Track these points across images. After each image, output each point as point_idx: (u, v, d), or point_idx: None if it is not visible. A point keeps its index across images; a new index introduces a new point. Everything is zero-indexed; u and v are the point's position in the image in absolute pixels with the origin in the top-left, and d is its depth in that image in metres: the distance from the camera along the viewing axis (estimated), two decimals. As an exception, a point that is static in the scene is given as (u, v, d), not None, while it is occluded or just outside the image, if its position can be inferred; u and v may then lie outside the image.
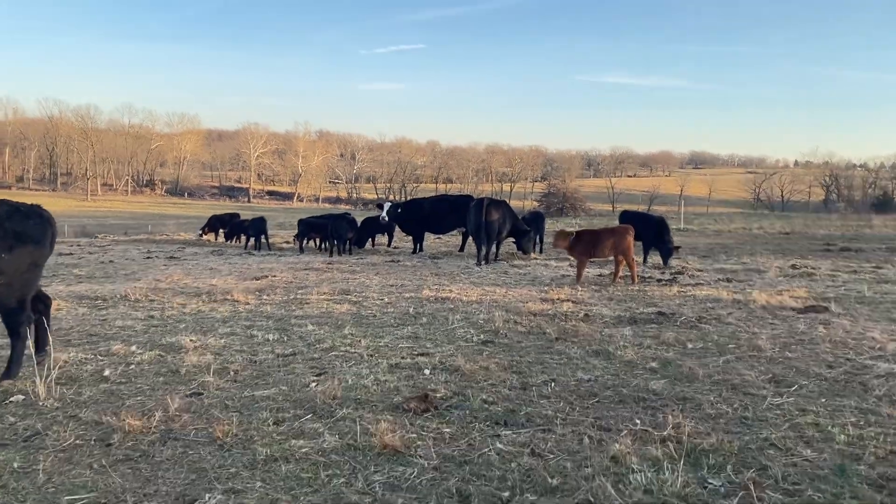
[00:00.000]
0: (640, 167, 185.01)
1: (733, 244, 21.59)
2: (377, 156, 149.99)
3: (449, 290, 11.26)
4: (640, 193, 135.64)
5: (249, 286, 12.45)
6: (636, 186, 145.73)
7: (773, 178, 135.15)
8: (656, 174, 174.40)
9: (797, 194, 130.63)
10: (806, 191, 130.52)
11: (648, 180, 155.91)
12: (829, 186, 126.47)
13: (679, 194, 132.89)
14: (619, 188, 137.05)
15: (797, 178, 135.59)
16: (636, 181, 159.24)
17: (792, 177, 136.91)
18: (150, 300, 10.91)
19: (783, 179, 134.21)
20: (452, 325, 8.34)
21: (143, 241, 27.96)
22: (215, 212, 33.85)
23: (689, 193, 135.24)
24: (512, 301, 10.14)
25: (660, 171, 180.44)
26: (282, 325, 8.55)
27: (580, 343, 7.25)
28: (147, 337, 7.93)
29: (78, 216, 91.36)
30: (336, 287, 12.00)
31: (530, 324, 8.28)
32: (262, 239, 22.67)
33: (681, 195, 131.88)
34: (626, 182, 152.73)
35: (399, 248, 21.54)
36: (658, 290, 11.28)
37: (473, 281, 12.89)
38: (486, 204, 15.82)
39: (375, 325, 8.43)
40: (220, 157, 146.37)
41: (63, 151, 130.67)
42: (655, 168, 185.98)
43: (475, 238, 16.19)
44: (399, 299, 10.53)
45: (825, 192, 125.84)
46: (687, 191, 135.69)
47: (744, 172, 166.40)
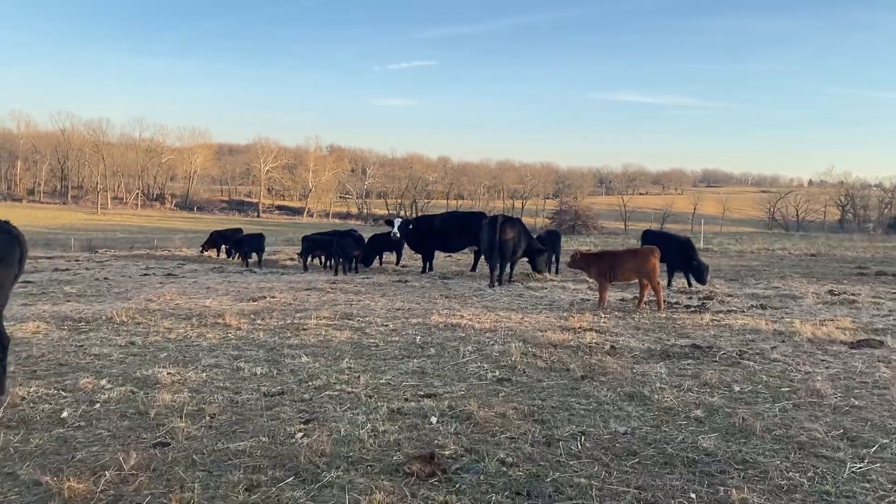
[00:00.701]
0: (653, 185, 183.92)
1: (759, 266, 20.58)
2: (388, 171, 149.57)
3: (460, 316, 10.37)
4: (652, 211, 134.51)
5: (244, 308, 11.61)
6: (648, 204, 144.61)
7: (787, 197, 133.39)
8: (668, 192, 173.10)
9: (812, 214, 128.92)
10: (821, 210, 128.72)
11: (661, 198, 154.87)
12: (845, 206, 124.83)
13: (692, 213, 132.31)
14: (631, 206, 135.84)
15: (812, 197, 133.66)
16: (648, 199, 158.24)
17: (807, 196, 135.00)
18: (136, 323, 10.09)
19: (798, 199, 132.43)
20: (464, 357, 7.44)
21: (143, 256, 27.25)
22: (225, 226, 33.19)
23: (703, 212, 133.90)
24: (529, 329, 9.23)
25: (672, 190, 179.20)
26: (273, 355, 7.68)
27: (610, 383, 6.33)
28: (122, 368, 7.08)
29: (86, 229, 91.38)
30: (338, 310, 11.13)
31: (551, 357, 7.37)
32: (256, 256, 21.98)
33: (693, 213, 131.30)
34: (638, 200, 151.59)
35: (407, 267, 20.68)
36: (688, 318, 10.34)
37: (486, 305, 11.99)
38: (500, 222, 14.93)
39: (377, 357, 7.54)
40: (231, 172, 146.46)
41: (74, 164, 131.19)
42: (668, 186, 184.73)
43: (488, 258, 15.29)
44: (405, 326, 9.65)
45: (841, 212, 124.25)
46: (700, 209, 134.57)
47: (757, 191, 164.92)
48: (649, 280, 11.47)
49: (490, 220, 15.35)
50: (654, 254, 11.68)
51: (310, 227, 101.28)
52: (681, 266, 14.63)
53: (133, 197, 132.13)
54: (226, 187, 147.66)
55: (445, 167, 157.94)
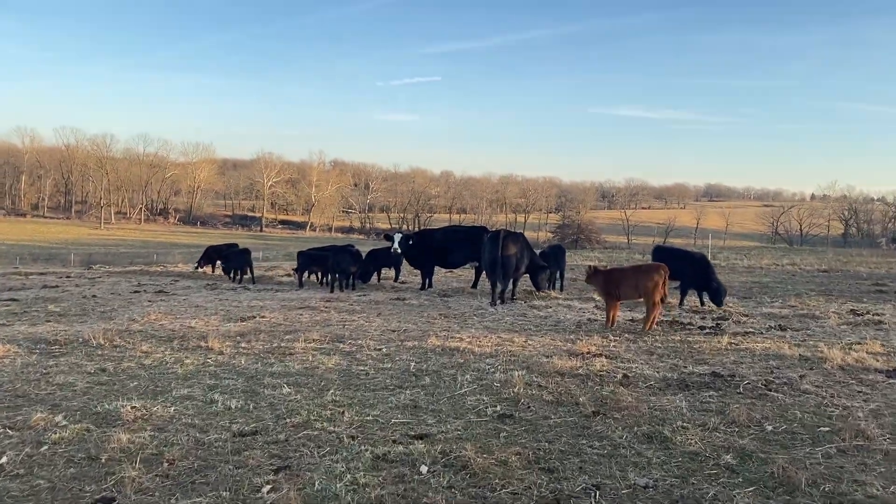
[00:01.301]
0: (655, 199, 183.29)
1: (771, 282, 19.82)
2: (391, 185, 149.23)
3: (459, 338, 9.66)
4: (655, 226, 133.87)
5: (231, 329, 10.93)
6: (651, 219, 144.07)
7: (790, 211, 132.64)
8: (671, 207, 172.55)
9: (815, 228, 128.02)
10: (825, 224, 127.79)
11: (664, 212, 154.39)
12: (849, 220, 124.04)
13: (695, 227, 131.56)
14: (633, 220, 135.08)
15: (816, 211, 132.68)
16: (651, 213, 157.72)
17: (810, 210, 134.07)
18: (114, 346, 9.41)
19: (801, 213, 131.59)
20: (461, 388, 6.74)
21: (137, 272, 26.59)
22: (227, 241, 32.57)
23: (706, 226, 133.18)
24: (533, 354, 8.52)
25: (675, 204, 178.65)
26: (252, 385, 6.99)
27: (625, 420, 5.63)
28: (83, 401, 6.40)
29: (88, 244, 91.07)
30: (329, 332, 10.44)
31: (558, 389, 6.67)
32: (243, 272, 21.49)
33: (696, 227, 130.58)
34: (640, 214, 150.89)
35: (406, 283, 19.98)
36: (704, 340, 9.62)
37: (487, 325, 11.28)
38: (502, 236, 14.21)
39: (366, 388, 6.85)
40: (234, 186, 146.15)
41: (78, 179, 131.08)
42: (670, 200, 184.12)
43: (490, 274, 14.55)
44: (400, 349, 8.95)
45: (844, 227, 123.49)
46: (703, 223, 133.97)
47: (760, 206, 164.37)
48: (647, 298, 10.79)
49: (492, 235, 14.64)
50: (656, 271, 10.99)
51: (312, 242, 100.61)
52: (696, 285, 13.91)
53: (137, 212, 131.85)
54: (229, 202, 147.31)
55: (448, 181, 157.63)
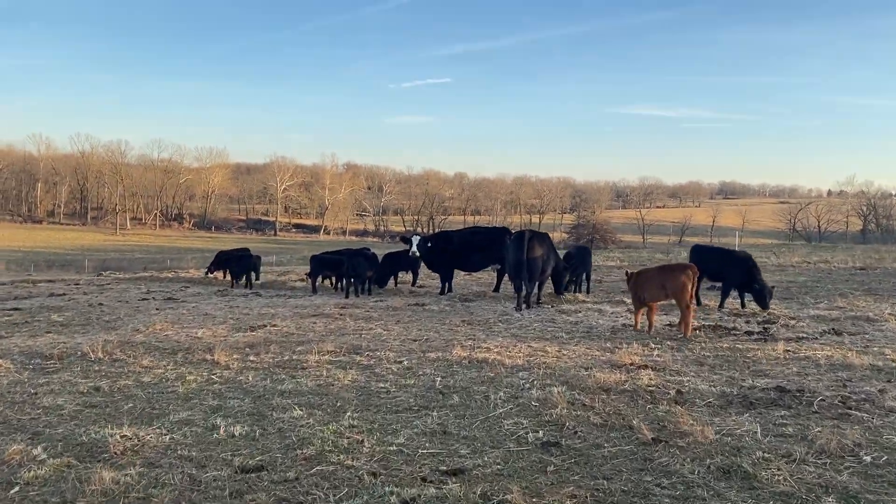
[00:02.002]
0: (669, 198, 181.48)
1: (808, 281, 18.75)
2: (404, 188, 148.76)
3: (486, 348, 8.86)
4: (670, 224, 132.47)
5: (239, 340, 10.19)
6: (666, 217, 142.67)
7: (808, 208, 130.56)
8: (686, 205, 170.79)
9: (833, 224, 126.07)
10: (843, 221, 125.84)
11: (679, 211, 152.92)
12: (867, 216, 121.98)
13: (711, 225, 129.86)
14: (648, 219, 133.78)
15: (834, 207, 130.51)
16: (666, 212, 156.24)
17: (828, 206, 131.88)
18: (113, 360, 8.71)
19: (819, 209, 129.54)
20: (495, 409, 5.94)
21: (147, 279, 25.98)
22: (242, 245, 31.99)
23: (722, 224, 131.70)
24: (570, 366, 7.70)
25: (689, 202, 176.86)
26: (260, 406, 6.23)
27: (692, 450, 4.80)
28: (70, 427, 5.68)
29: (104, 250, 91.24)
30: (345, 342, 9.68)
31: (605, 408, 5.85)
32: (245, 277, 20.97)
33: (712, 225, 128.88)
34: (656, 213, 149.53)
35: (424, 287, 19.17)
36: (756, 348, 8.74)
37: (515, 333, 10.45)
38: (527, 237, 13.34)
39: (387, 409, 6.07)
40: (248, 191, 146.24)
41: (94, 186, 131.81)
42: (685, 199, 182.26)
43: (514, 278, 13.68)
44: (422, 362, 8.16)
45: (863, 222, 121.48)
46: (719, 221, 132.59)
47: (776, 202, 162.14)
48: (677, 300, 10.00)
49: (516, 236, 13.79)
50: (682, 270, 10.26)
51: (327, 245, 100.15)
52: (739, 286, 13.00)
53: (152, 217, 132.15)
54: (243, 206, 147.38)
55: (462, 183, 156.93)
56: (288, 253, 79.61)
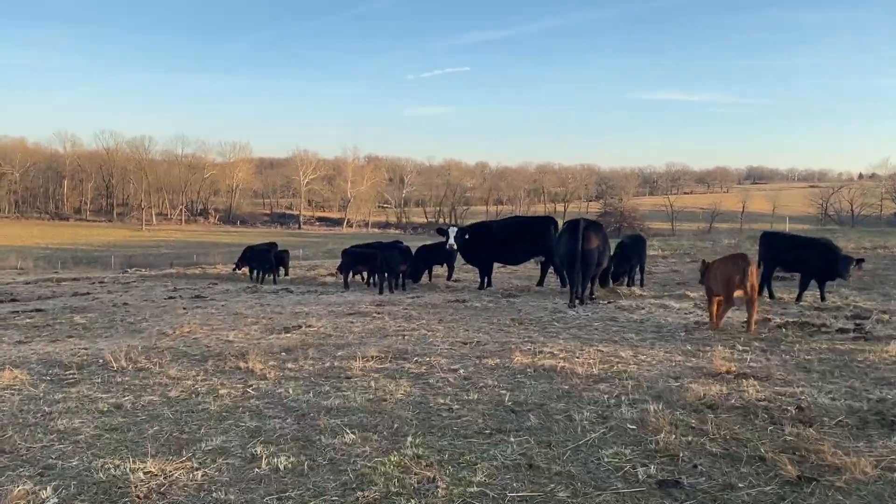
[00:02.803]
0: (697, 183, 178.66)
1: (877, 269, 17.32)
2: (426, 179, 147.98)
3: (549, 354, 7.89)
4: (699, 211, 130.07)
5: (274, 343, 9.35)
6: (695, 203, 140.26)
7: (840, 191, 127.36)
8: (714, 191, 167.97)
9: (867, 208, 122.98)
10: (877, 205, 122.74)
11: (707, 197, 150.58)
12: None
13: (741, 211, 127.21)
14: (677, 206, 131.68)
15: (867, 191, 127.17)
16: (694, 198, 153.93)
17: (861, 190, 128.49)
18: (137, 369, 7.91)
19: (852, 193, 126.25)
20: (585, 433, 4.98)
21: (174, 276, 25.39)
22: (266, 240, 31.36)
23: (752, 210, 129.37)
24: (655, 375, 6.71)
25: (717, 188, 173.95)
26: (305, 428, 5.35)
27: (856, 492, 3.82)
28: (86, 459, 4.84)
29: (130, 246, 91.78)
30: (388, 346, 8.79)
31: (720, 431, 4.87)
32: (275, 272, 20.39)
33: (742, 211, 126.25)
34: (684, 199, 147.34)
35: (460, 281, 18.24)
36: (861, 348, 7.66)
37: (576, 333, 9.47)
38: (582, 227, 12.29)
39: (454, 433, 5.14)
40: (272, 185, 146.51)
41: (119, 182, 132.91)
42: (713, 184, 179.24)
43: (568, 271, 12.63)
44: (480, 370, 7.23)
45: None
46: (749, 207, 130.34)
47: (806, 187, 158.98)
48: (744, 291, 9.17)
49: (569, 226, 12.70)
50: (735, 261, 9.47)
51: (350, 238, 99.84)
52: (822, 277, 11.89)
53: (177, 212, 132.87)
54: (267, 200, 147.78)
55: (483, 173, 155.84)
56: (313, 246, 79.16)
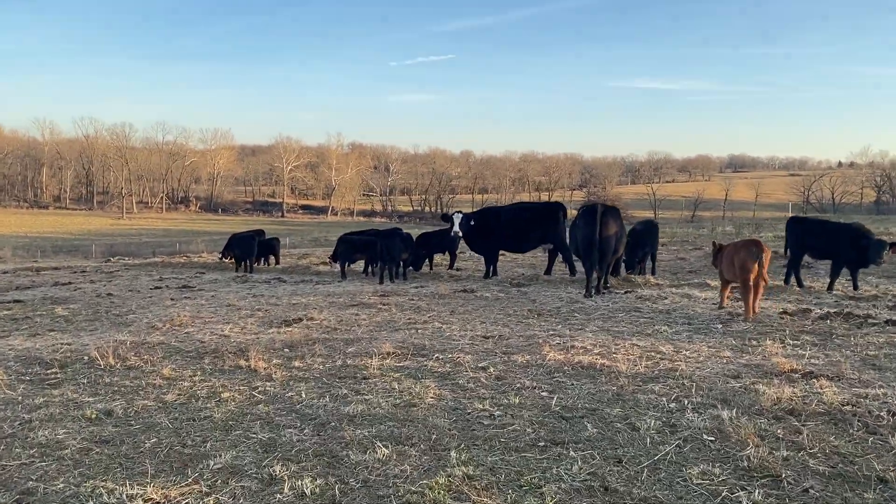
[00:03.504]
0: (679, 172, 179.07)
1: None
2: (411, 167, 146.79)
3: (581, 348, 7.22)
4: (682, 199, 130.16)
5: (275, 338, 8.60)
6: (678, 192, 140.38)
7: (822, 180, 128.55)
8: (696, 179, 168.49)
9: (848, 196, 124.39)
10: (858, 192, 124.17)
11: (689, 185, 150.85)
12: (882, 187, 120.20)
13: (724, 199, 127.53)
14: (660, 194, 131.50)
15: (848, 179, 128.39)
16: (677, 186, 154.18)
17: (842, 178, 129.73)
18: (127, 368, 7.14)
19: (833, 181, 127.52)
20: (657, 447, 4.30)
21: (159, 264, 24.42)
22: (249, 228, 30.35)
23: (734, 198, 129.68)
24: (711, 374, 6.04)
25: (699, 176, 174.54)
26: (327, 441, 4.63)
27: None
28: (73, 481, 4.10)
29: (111, 234, 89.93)
30: (402, 340, 8.07)
31: (819, 444, 4.20)
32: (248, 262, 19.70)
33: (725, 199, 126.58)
34: (667, 188, 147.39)
35: (462, 270, 17.53)
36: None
37: (603, 326, 8.80)
38: (600, 212, 11.58)
39: (504, 446, 4.44)
40: (254, 172, 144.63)
41: (99, 170, 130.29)
42: (695, 173, 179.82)
43: (584, 259, 11.89)
44: (512, 369, 6.53)
45: (877, 194, 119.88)
46: (732, 195, 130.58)
47: (787, 175, 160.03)
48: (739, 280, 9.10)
49: (586, 212, 11.99)
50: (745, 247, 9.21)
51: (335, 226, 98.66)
52: (854, 264, 11.34)
53: (158, 200, 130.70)
54: (249, 188, 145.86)
55: (468, 161, 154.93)
56: (297, 234, 77.95)
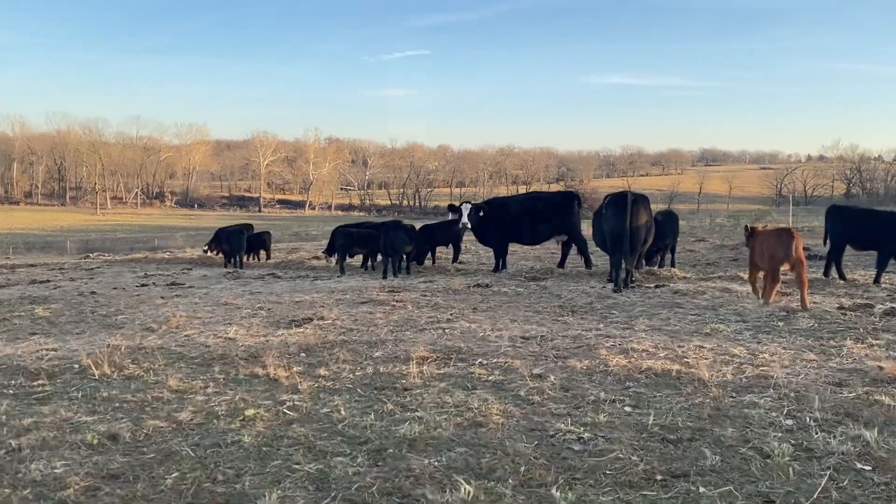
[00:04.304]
0: (652, 166, 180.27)
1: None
2: (389, 161, 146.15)
3: (645, 351, 6.42)
4: (657, 192, 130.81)
5: (288, 340, 7.71)
6: (652, 185, 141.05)
7: (794, 172, 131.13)
8: (669, 172, 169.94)
9: (819, 189, 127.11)
10: (829, 185, 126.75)
11: (666, 178, 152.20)
12: (852, 180, 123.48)
13: (698, 192, 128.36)
14: (636, 188, 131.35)
15: (820, 172, 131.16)
16: (652, 180, 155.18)
17: (814, 171, 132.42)
18: (125, 378, 6.24)
19: (805, 174, 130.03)
20: (804, 481, 3.52)
21: (141, 260, 23.26)
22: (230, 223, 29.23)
23: (709, 191, 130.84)
24: (807, 382, 5.24)
25: (672, 170, 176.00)
26: (391, 476, 3.78)
27: None
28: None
29: (85, 230, 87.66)
30: (434, 342, 7.24)
31: None
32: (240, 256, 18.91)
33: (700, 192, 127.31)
34: (642, 181, 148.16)
35: (465, 264, 16.70)
36: None
37: (650, 323, 7.98)
38: (631, 201, 10.79)
39: (614, 481, 3.62)
40: (230, 167, 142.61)
41: (72, 165, 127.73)
42: (668, 166, 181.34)
43: (613, 251, 11.02)
44: (574, 375, 5.72)
45: (847, 186, 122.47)
46: (706, 188, 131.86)
47: (757, 168, 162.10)
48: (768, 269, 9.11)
49: (615, 200, 11.16)
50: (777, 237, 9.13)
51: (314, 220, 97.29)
52: None
53: (132, 196, 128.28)
54: (225, 183, 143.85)
55: (446, 155, 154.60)
56: (276, 229, 76.21)
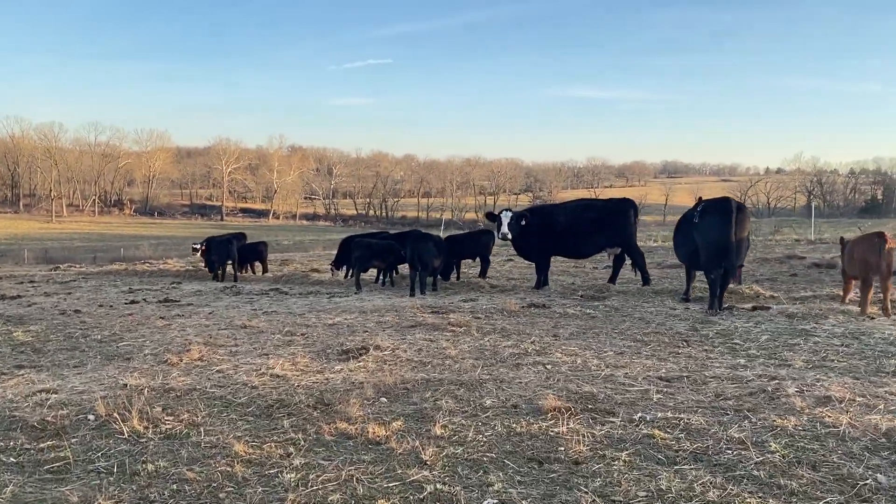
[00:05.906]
0: (616, 177, 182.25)
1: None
2: (354, 170, 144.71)
3: (842, 398, 5.10)
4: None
5: (352, 377, 6.14)
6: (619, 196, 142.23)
7: (757, 185, 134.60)
8: (632, 184, 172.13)
9: (782, 201, 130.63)
10: (791, 197, 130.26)
11: (629, 190, 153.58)
12: (812, 192, 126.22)
13: (665, 204, 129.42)
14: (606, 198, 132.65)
15: (782, 184, 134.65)
16: (617, 191, 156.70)
17: (777, 184, 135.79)
18: (165, 436, 4.67)
19: (769, 187, 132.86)
20: None
21: (120, 272, 21.17)
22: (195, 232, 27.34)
23: (674, 203, 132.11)
24: None
25: (635, 181, 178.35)
26: None
27: None
28: None
29: (41, 238, 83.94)
30: (549, 383, 5.77)
31: None
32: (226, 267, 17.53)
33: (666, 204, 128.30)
34: (607, 193, 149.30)
35: (491, 278, 14.96)
36: None
37: (808, 359, 6.60)
38: (735, 208, 9.33)
39: None
40: (191, 175, 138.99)
41: (26, 171, 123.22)
42: (631, 178, 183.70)
43: (711, 266, 9.45)
44: (798, 440, 4.34)
45: (807, 198, 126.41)
46: (672, 200, 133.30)
47: (718, 180, 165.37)
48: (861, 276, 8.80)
49: (717, 207, 9.63)
50: (869, 241, 8.94)
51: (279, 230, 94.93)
52: None
53: (90, 203, 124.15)
54: (186, 191, 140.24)
55: (411, 165, 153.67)
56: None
